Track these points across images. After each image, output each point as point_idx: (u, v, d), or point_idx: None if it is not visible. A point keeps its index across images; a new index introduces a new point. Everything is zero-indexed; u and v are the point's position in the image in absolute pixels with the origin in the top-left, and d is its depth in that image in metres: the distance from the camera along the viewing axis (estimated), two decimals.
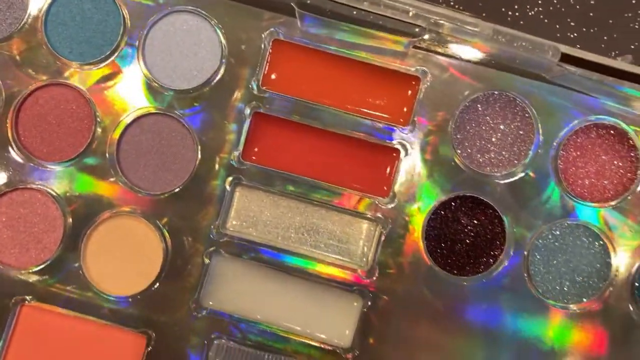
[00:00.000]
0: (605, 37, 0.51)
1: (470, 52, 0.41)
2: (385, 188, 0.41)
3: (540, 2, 0.51)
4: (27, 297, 0.41)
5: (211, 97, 0.42)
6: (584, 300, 0.48)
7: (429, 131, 0.42)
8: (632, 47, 0.55)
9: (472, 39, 0.39)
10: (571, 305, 0.48)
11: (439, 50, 0.42)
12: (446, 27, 0.39)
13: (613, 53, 0.50)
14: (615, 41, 0.55)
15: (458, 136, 0.40)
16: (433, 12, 0.39)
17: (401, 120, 0.42)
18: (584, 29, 0.51)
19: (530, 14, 0.52)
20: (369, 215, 0.41)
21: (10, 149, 0.41)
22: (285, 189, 0.43)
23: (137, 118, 0.40)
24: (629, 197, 0.41)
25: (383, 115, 0.41)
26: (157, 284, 0.41)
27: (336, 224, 0.42)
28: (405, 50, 0.41)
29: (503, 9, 0.51)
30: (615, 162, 0.41)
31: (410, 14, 0.39)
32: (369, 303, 0.42)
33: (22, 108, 0.40)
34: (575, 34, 0.51)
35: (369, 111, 0.41)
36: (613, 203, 0.42)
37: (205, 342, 0.44)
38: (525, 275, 0.47)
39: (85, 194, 0.40)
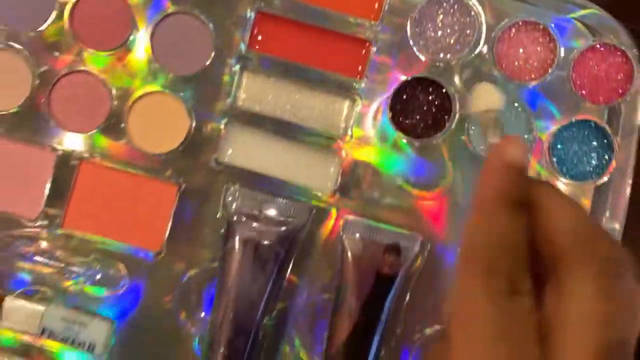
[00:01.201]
0: None
1: None
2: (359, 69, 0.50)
3: None
4: (86, 155, 0.49)
5: None
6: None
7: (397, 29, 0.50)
8: None
9: None
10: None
11: None
12: None
13: None
14: None
15: (417, 29, 0.48)
16: None
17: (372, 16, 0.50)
18: None
19: None
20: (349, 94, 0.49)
21: None
22: (282, 74, 0.50)
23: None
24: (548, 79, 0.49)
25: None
26: (184, 145, 0.49)
27: (322, 101, 0.50)
28: None
29: None
30: (538, 49, 0.49)
31: None
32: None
33: None
34: None
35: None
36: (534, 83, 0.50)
37: (224, 187, 0.51)
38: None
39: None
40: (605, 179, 0.51)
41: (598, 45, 0.49)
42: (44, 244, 0.50)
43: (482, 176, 0.39)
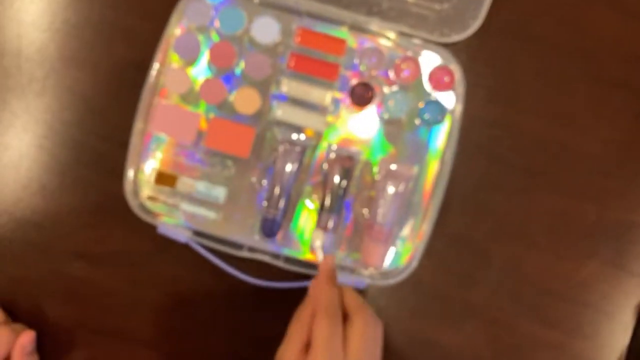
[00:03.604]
0: None
1: None
2: None
3: None
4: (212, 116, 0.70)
5: None
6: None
7: None
8: None
9: None
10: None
11: None
12: None
13: None
14: None
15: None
16: None
17: None
18: None
19: None
20: None
21: None
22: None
23: None
24: None
25: None
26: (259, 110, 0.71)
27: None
28: None
29: None
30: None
31: None
32: None
33: None
34: None
35: None
36: None
37: (274, 131, 0.70)
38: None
39: None
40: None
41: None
42: (196, 154, 0.71)
43: (315, 278, 0.57)
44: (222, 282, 0.72)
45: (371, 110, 0.72)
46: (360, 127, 0.72)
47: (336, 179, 0.71)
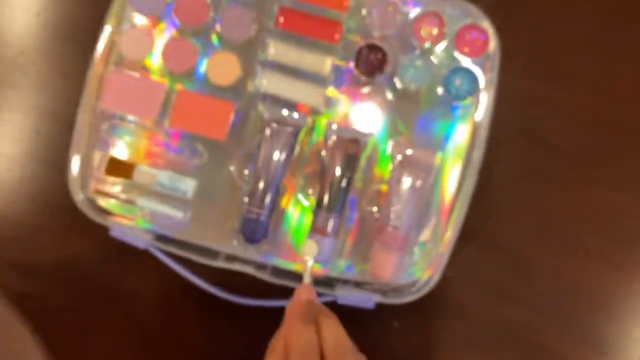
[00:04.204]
0: None
1: None
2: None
3: None
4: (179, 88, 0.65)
5: None
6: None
7: None
8: None
9: None
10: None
11: None
12: None
13: None
14: None
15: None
16: None
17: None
18: None
19: None
20: None
21: None
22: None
23: None
24: None
25: None
26: (238, 81, 0.65)
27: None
28: None
29: None
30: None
31: None
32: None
33: None
34: None
35: None
36: None
37: (259, 104, 0.64)
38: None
39: None
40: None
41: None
42: (157, 137, 0.65)
43: (288, 307, 0.54)
44: (192, 299, 0.68)
45: (382, 80, 0.65)
46: (369, 102, 0.66)
47: (338, 169, 0.65)
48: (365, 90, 0.66)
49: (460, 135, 0.65)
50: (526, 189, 0.69)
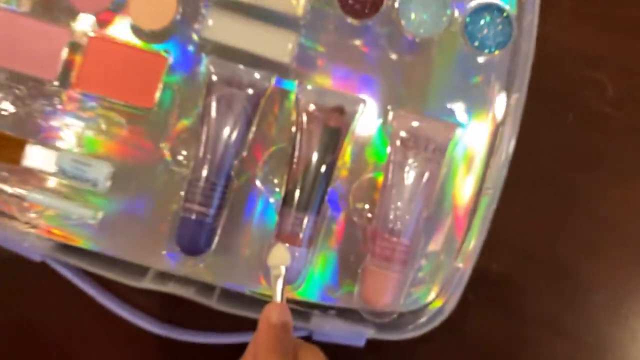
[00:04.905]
0: None
1: None
2: None
3: None
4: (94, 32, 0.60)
5: None
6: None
7: None
8: None
9: None
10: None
11: None
12: None
13: None
14: None
15: None
16: None
17: None
18: None
19: None
20: None
21: None
22: None
23: None
24: None
25: None
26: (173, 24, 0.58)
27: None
28: None
29: None
30: None
31: None
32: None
33: None
34: None
35: None
36: None
37: (205, 57, 0.59)
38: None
39: None
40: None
41: None
42: (58, 105, 0.59)
43: (254, 340, 0.50)
44: (109, 330, 0.64)
45: (377, 23, 0.61)
46: (359, 56, 0.61)
47: (314, 151, 0.59)
48: (357, 42, 0.61)
49: (487, 101, 0.61)
50: (572, 178, 0.65)
